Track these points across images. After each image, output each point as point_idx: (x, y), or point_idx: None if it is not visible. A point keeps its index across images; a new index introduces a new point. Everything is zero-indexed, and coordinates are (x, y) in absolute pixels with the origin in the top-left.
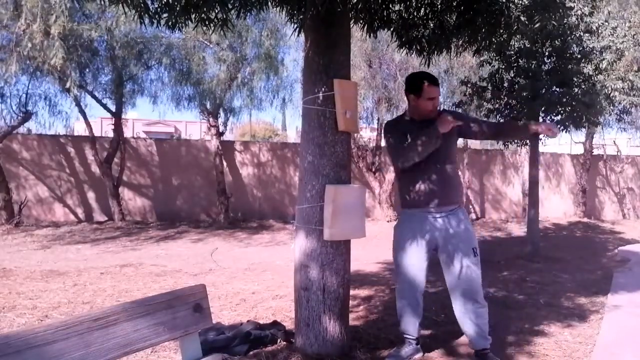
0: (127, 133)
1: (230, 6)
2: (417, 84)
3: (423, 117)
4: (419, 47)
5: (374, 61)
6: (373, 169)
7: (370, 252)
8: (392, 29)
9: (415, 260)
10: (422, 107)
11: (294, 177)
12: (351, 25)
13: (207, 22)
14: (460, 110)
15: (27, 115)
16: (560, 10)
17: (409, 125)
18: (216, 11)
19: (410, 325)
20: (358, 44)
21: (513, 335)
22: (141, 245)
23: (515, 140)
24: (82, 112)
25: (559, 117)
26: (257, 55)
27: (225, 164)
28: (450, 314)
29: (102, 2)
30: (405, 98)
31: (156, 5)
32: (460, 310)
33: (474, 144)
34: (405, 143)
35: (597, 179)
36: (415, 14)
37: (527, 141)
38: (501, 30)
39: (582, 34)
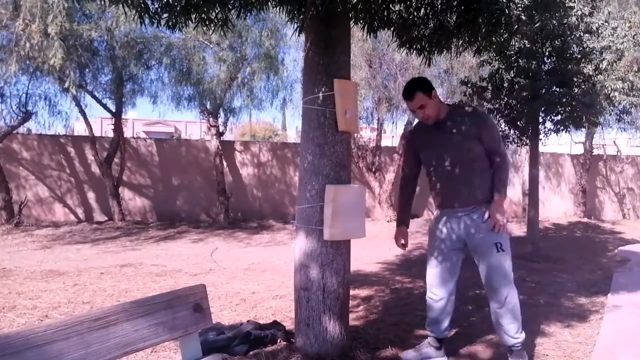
0: (127, 133)
1: (230, 6)
2: None
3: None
4: (419, 47)
5: (374, 61)
6: (373, 169)
7: (370, 252)
8: (392, 29)
9: (440, 257)
10: None
11: (294, 177)
12: (351, 25)
13: (207, 22)
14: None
15: (27, 115)
16: (561, 10)
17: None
18: (216, 11)
19: (433, 324)
20: (358, 44)
21: None
22: (141, 245)
23: (515, 140)
24: (82, 112)
25: (559, 117)
26: (257, 55)
27: (225, 164)
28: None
29: (102, 2)
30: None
31: (156, 5)
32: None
33: None
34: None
35: (597, 179)
36: (415, 13)
37: (527, 141)
38: (501, 30)
39: (582, 34)
